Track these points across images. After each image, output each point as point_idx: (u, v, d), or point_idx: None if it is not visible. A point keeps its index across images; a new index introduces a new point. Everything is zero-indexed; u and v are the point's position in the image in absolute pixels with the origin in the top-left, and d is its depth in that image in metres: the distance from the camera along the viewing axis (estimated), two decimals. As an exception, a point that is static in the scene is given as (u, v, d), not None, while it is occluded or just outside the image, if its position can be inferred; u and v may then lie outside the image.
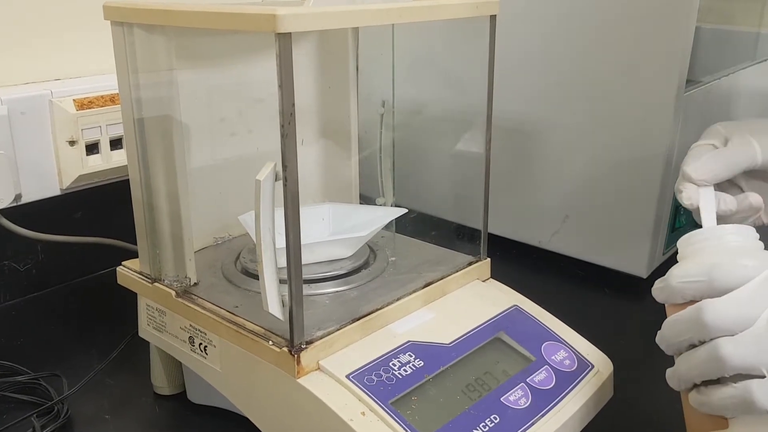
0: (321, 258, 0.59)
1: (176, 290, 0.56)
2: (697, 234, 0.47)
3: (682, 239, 0.47)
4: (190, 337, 0.55)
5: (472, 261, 0.62)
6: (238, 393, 0.53)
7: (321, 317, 0.52)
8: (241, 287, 0.57)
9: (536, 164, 0.85)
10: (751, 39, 1.08)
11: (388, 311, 0.54)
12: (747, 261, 0.42)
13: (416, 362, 0.50)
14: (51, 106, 0.72)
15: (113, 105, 0.75)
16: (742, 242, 0.45)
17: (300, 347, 0.47)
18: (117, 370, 0.64)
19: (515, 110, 0.84)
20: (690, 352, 0.43)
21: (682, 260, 0.46)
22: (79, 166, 0.74)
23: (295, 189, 0.45)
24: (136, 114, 0.56)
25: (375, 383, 0.47)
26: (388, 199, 0.70)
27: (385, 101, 0.67)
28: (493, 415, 0.48)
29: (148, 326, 0.60)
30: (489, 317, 0.57)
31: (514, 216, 0.88)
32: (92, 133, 0.74)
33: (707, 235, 0.46)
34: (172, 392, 0.62)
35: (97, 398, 0.61)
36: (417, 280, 0.58)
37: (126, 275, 0.60)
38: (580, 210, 0.82)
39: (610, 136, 0.79)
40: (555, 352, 0.55)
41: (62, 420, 0.57)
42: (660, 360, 0.43)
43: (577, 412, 0.51)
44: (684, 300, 0.44)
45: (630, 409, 0.60)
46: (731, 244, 0.45)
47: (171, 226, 0.57)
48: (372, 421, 0.45)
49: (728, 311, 0.40)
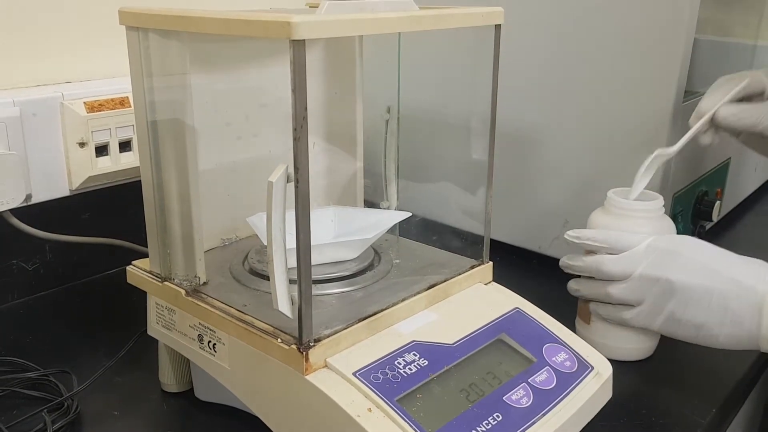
0: (327, 259, 0.60)
1: (186, 289, 0.57)
2: (622, 202, 0.67)
3: (610, 199, 0.68)
4: (199, 335, 0.56)
5: (475, 264, 0.63)
6: (247, 390, 0.54)
7: (328, 316, 0.53)
8: (250, 287, 0.58)
9: (536, 170, 0.86)
10: (748, 51, 1.10)
11: (393, 312, 0.55)
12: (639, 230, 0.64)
13: (421, 361, 0.51)
14: (62, 108, 0.73)
15: (123, 108, 0.76)
16: (645, 215, 0.66)
17: (308, 345, 0.49)
18: (125, 368, 0.65)
19: (516, 117, 0.86)
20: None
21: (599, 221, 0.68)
22: (89, 168, 0.75)
23: (306, 190, 0.46)
24: (149, 117, 0.57)
25: (381, 381, 0.49)
26: (392, 203, 0.72)
27: (390, 107, 0.68)
28: (495, 414, 0.49)
29: (157, 324, 0.61)
30: (491, 319, 0.58)
31: (514, 221, 0.90)
32: (102, 136, 0.75)
33: (625, 206, 0.67)
34: (180, 390, 0.63)
35: (105, 395, 0.62)
36: (421, 282, 0.59)
37: (136, 274, 0.62)
38: (580, 215, 0.84)
39: (609, 143, 0.80)
40: (556, 354, 0.56)
41: (72, 416, 0.58)
42: (658, 362, 0.44)
43: (578, 412, 0.53)
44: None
45: (628, 410, 0.61)
46: (638, 214, 0.66)
47: (182, 226, 0.58)
48: (378, 418, 0.46)
49: (617, 264, 0.63)
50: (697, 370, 0.68)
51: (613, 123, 0.79)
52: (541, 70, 0.83)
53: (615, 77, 0.78)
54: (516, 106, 0.85)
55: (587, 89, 0.80)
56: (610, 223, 0.67)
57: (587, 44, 0.79)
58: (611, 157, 0.80)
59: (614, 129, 0.79)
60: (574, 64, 0.80)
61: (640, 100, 0.77)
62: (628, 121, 0.78)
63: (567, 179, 0.84)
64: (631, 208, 0.66)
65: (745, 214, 1.07)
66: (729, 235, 0.99)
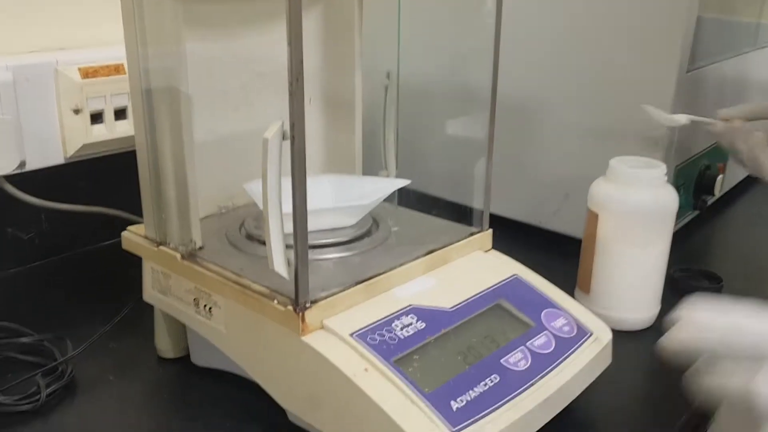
0: (325, 225, 0.60)
1: (181, 253, 0.57)
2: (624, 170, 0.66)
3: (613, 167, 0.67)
4: (195, 299, 0.56)
5: (474, 232, 0.63)
6: (243, 353, 0.54)
7: (325, 280, 0.52)
8: (246, 252, 0.57)
9: (537, 142, 0.86)
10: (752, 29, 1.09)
11: (391, 276, 0.54)
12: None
13: (418, 324, 0.51)
14: (56, 74, 0.72)
15: (118, 75, 0.75)
16: (648, 182, 0.66)
17: (304, 306, 0.48)
18: (121, 334, 0.65)
19: (516, 87, 0.85)
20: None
21: None
22: (84, 135, 0.74)
23: (302, 147, 0.45)
24: (144, 83, 0.57)
25: (378, 342, 0.48)
26: (391, 172, 0.71)
27: (390, 72, 0.67)
28: (493, 375, 0.49)
29: (152, 290, 0.60)
30: (490, 285, 0.57)
31: (513, 195, 0.89)
32: (97, 103, 0.74)
33: (628, 174, 0.66)
34: (176, 356, 0.62)
35: (101, 361, 0.61)
36: (419, 249, 0.58)
37: (131, 239, 0.61)
38: (581, 189, 0.83)
39: (612, 115, 0.79)
40: (554, 319, 0.56)
41: (66, 380, 0.57)
42: (659, 333, 0.42)
43: (576, 376, 0.52)
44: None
45: (628, 379, 0.61)
46: (640, 182, 0.66)
47: (176, 190, 0.58)
48: (375, 377, 0.46)
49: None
50: (697, 340, 0.67)
51: (616, 93, 0.78)
52: (544, 40, 0.82)
53: (618, 46, 0.77)
54: (516, 76, 0.84)
55: (589, 59, 0.79)
56: (613, 191, 0.66)
57: (591, 14, 0.78)
58: (613, 128, 0.79)
59: (616, 99, 0.79)
60: (578, 34, 0.79)
61: (643, 69, 0.76)
62: (631, 92, 0.78)
63: (568, 151, 0.83)
64: (634, 176, 0.65)
65: (748, 190, 1.06)
66: (730, 211, 0.99)
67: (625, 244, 0.66)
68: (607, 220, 0.66)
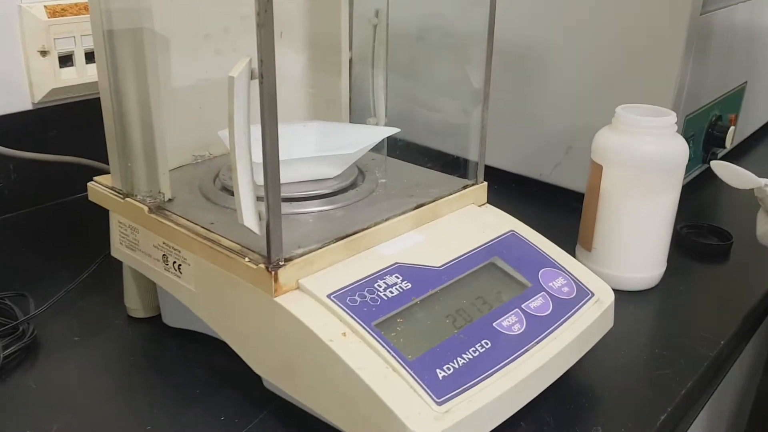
0: (306, 177, 0.55)
1: (149, 206, 0.52)
2: (631, 118, 0.61)
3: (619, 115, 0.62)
4: (164, 256, 0.52)
5: (468, 184, 0.58)
6: (214, 314, 0.50)
7: (302, 236, 0.48)
8: (219, 204, 0.53)
9: (538, 92, 0.81)
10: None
11: (376, 232, 0.50)
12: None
13: (403, 284, 0.47)
14: (20, 12, 0.67)
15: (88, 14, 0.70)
16: (657, 131, 0.61)
17: (278, 264, 0.44)
18: (89, 291, 0.61)
19: (517, 34, 0.80)
20: None
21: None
22: (52, 79, 0.69)
23: (273, 88, 0.40)
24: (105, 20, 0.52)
25: (358, 304, 0.44)
26: (380, 119, 0.66)
27: (379, 11, 0.62)
28: (484, 341, 0.45)
29: (120, 245, 0.56)
30: (483, 242, 0.53)
31: (513, 147, 0.84)
32: (66, 44, 0.69)
33: (634, 123, 0.61)
34: (147, 315, 0.58)
35: (66, 320, 0.57)
36: (408, 202, 0.54)
37: (97, 191, 0.56)
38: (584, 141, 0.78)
39: (618, 63, 0.74)
40: (553, 279, 0.52)
41: (27, 340, 0.54)
42: (664, 292, 0.39)
43: (575, 341, 0.48)
44: None
45: (630, 341, 0.57)
46: (648, 131, 0.61)
47: (143, 138, 0.53)
48: (353, 343, 0.42)
49: None
50: (704, 301, 0.63)
51: (622, 39, 0.73)
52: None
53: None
54: (517, 22, 0.79)
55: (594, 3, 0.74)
56: (618, 141, 0.61)
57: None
58: (619, 77, 0.74)
59: (623, 46, 0.73)
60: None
61: (652, 12, 0.71)
62: (638, 38, 0.72)
63: (572, 99, 0.78)
64: (641, 125, 0.61)
65: (760, 143, 1.01)
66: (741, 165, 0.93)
67: (630, 198, 0.61)
68: (612, 172, 0.62)
